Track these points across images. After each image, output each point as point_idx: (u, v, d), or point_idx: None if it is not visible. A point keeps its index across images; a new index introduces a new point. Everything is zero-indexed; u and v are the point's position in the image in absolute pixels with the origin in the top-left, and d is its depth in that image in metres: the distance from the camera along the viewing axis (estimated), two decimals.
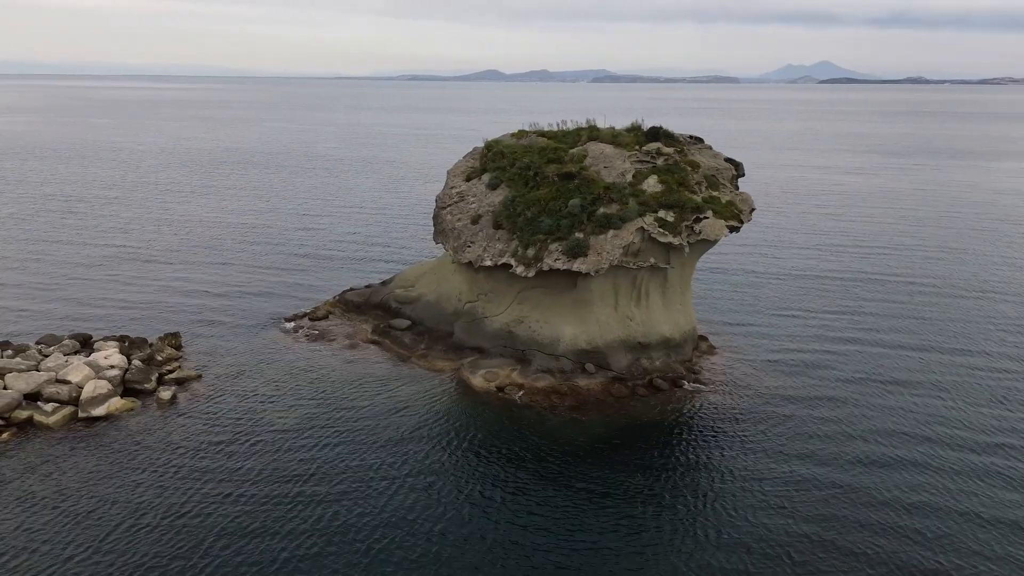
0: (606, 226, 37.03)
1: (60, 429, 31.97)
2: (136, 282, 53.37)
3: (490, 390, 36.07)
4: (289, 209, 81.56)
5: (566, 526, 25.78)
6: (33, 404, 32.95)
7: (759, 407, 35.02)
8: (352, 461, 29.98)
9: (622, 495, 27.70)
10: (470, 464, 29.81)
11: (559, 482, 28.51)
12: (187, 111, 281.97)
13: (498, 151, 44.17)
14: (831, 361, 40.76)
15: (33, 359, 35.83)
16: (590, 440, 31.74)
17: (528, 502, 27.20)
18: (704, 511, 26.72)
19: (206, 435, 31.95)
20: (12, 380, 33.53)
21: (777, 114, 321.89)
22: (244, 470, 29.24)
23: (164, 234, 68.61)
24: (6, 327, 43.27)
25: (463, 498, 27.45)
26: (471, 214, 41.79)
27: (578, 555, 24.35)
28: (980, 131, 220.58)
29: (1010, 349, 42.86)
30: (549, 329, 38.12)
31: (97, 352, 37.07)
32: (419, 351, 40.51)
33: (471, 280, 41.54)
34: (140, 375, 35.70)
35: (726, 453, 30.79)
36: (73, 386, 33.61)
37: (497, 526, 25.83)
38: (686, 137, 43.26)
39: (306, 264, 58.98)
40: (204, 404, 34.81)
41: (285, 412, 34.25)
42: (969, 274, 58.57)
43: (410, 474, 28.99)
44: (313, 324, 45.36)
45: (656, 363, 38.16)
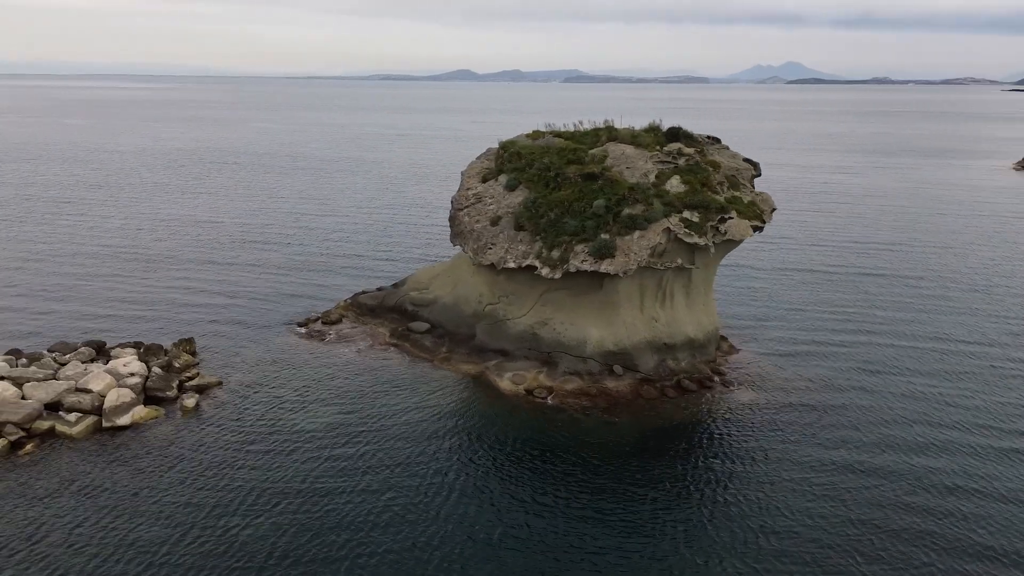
0: (632, 227, 36.94)
1: (84, 439, 31.09)
2: (140, 286, 52.20)
3: (519, 393, 35.79)
4: (285, 210, 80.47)
5: (613, 529, 25.60)
6: (54, 414, 32.01)
7: (788, 403, 35.21)
8: (387, 466, 29.50)
9: (666, 497, 27.58)
10: (509, 469, 29.48)
11: (600, 485, 28.30)
12: (164, 111, 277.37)
13: (514, 152, 43.92)
14: (847, 354, 41.47)
15: (50, 368, 34.81)
16: (626, 442, 31.61)
17: (571, 506, 26.95)
18: (752, 508, 26.70)
19: (236, 443, 31.25)
20: (31, 390, 32.54)
21: (755, 114, 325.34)
22: (279, 478, 28.63)
23: (162, 237, 67.24)
24: (14, 335, 42.04)
25: (504, 502, 27.12)
26: (490, 216, 41.47)
27: (627, 559, 24.19)
28: (952, 131, 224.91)
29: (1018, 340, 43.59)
30: (575, 331, 37.93)
31: (115, 360, 36.13)
32: (441, 354, 40.10)
33: (491, 282, 41.22)
34: (161, 383, 34.86)
35: (763, 450, 30.84)
36: (95, 395, 32.70)
37: (541, 531, 25.54)
38: (704, 137, 43.37)
39: (311, 267, 58.15)
40: (229, 411, 34.08)
41: (313, 418, 33.65)
42: (970, 268, 59.52)
43: (449, 479, 28.59)
44: (327, 328, 44.71)
45: (682, 364, 38.17)
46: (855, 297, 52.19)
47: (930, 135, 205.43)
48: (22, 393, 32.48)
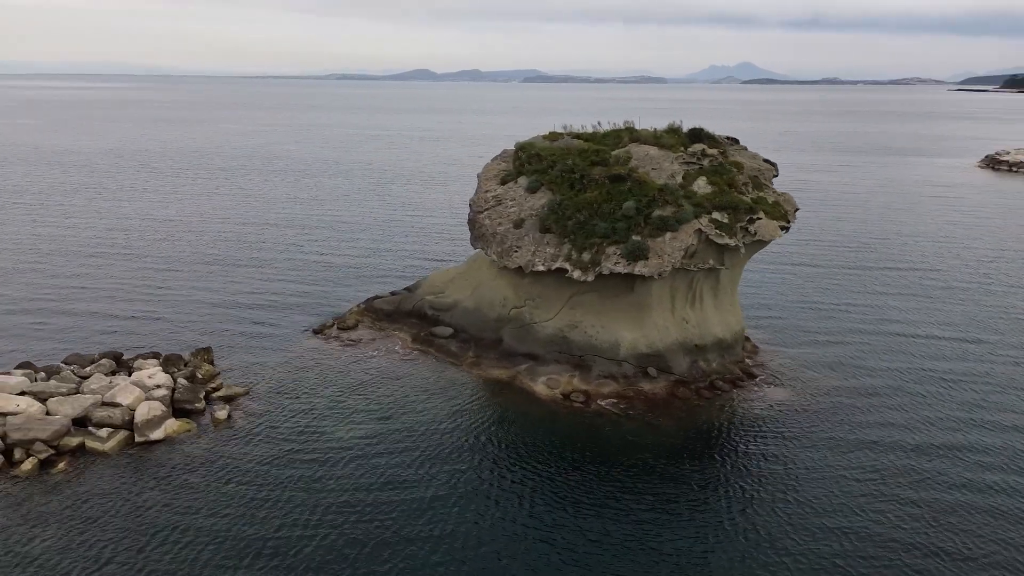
0: (663, 228, 36.88)
1: (117, 455, 29.90)
2: (142, 295, 50.48)
3: (556, 398, 35.48)
4: (279, 214, 78.78)
5: (682, 532, 25.47)
6: (82, 429, 30.72)
7: (820, 400, 35.58)
8: (434, 477, 28.90)
9: (724, 498, 27.54)
10: (564, 476, 29.11)
11: (657, 490, 28.15)
12: (123, 112, 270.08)
13: (533, 153, 43.60)
14: (864, 349, 42.24)
15: (71, 381, 33.41)
16: (672, 445, 31.52)
17: (632, 511, 26.73)
18: (813, 507, 26.80)
19: (276, 456, 30.34)
20: (56, 405, 31.16)
21: (720, 114, 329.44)
22: (325, 491, 27.84)
23: (156, 242, 65.22)
24: (21, 347, 40.32)
25: (566, 511, 26.75)
26: (512, 218, 41.08)
27: (703, 563, 24.09)
28: (912, 130, 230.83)
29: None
30: (606, 334, 37.76)
31: (138, 371, 34.87)
32: (468, 359, 39.57)
33: (516, 285, 40.84)
34: (189, 394, 33.73)
35: (809, 447, 31.06)
36: (125, 409, 31.46)
37: (607, 537, 25.28)
38: (723, 138, 43.59)
39: (315, 272, 56.95)
40: (262, 422, 33.10)
41: (350, 428, 32.87)
42: (962, 265, 60.97)
43: (502, 490, 28.06)
44: (344, 334, 43.84)
45: (712, 364, 38.28)
46: (854, 292, 53.15)
47: (892, 134, 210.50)
48: (46, 409, 31.10)
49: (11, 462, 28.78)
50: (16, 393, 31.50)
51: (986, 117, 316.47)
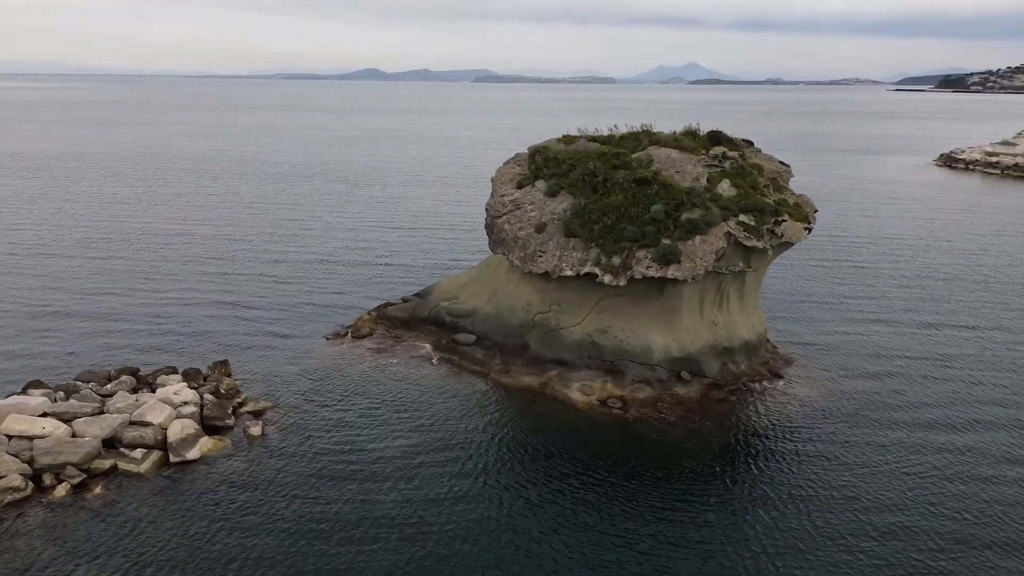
0: (692, 231, 36.89)
1: (152, 476, 28.52)
2: (141, 305, 48.48)
3: (593, 404, 35.15)
4: (265, 220, 76.75)
5: (752, 533, 25.42)
6: (113, 451, 29.24)
7: (853, 398, 36.04)
8: (482, 490, 28.16)
9: (778, 501, 27.54)
10: (613, 486, 28.65)
11: (708, 495, 28.03)
12: (61, 113, 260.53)
13: (550, 157, 43.24)
14: (868, 343, 43.16)
15: (93, 400, 31.77)
16: (717, 450, 31.41)
17: (688, 518, 26.58)
18: (872, 502, 27.04)
19: (317, 472, 29.30)
20: (84, 426, 29.55)
21: (676, 114, 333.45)
22: (375, 508, 26.93)
23: (144, 251, 62.85)
24: (25, 365, 38.30)
25: (620, 520, 26.47)
26: (533, 222, 40.63)
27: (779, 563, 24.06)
28: (864, 129, 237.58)
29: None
30: (637, 338, 37.60)
31: (161, 387, 33.39)
32: (496, 367, 38.97)
33: (541, 290, 40.39)
34: (217, 410, 32.41)
35: (854, 443, 31.47)
36: (156, 428, 30.04)
37: (667, 546, 25.08)
38: (739, 140, 43.87)
39: (316, 278, 55.53)
40: (297, 438, 31.97)
41: (388, 441, 31.96)
42: (951, 259, 62.78)
43: (556, 504, 27.52)
44: (359, 342, 42.81)
45: (741, 366, 38.47)
46: (852, 288, 54.29)
47: (846, 133, 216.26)
48: (72, 430, 29.50)
49: (41, 488, 27.20)
50: (38, 415, 29.79)
51: (930, 116, 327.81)
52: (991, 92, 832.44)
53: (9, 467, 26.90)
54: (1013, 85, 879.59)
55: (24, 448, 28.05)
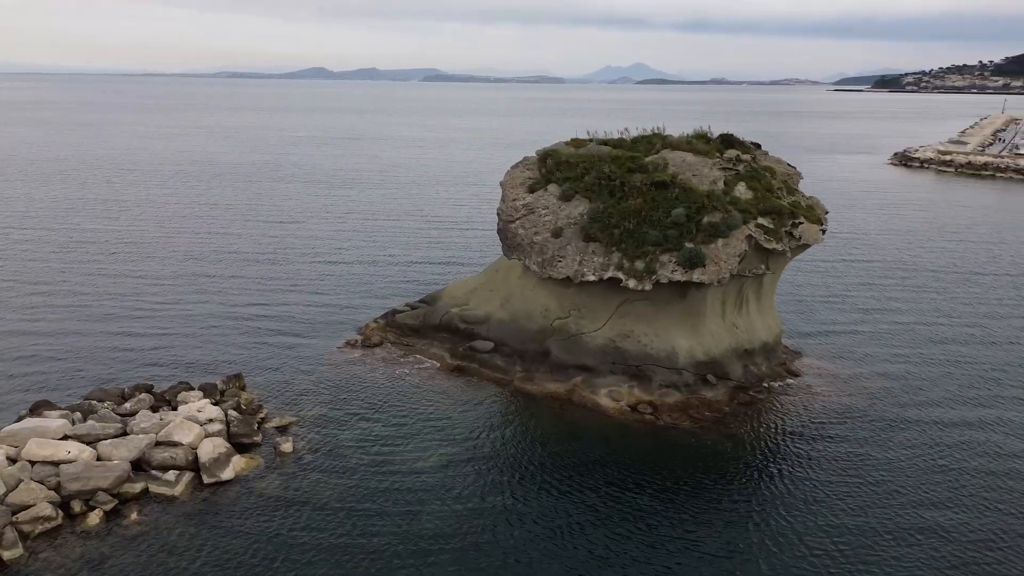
0: (714, 235, 37.02)
1: (187, 499, 27.26)
2: (139, 318, 46.50)
3: (623, 411, 34.95)
4: (244, 226, 74.54)
5: (787, 539, 25.54)
6: (143, 473, 27.86)
7: (869, 393, 36.64)
8: (527, 504, 27.70)
9: (827, 501, 27.79)
10: (660, 495, 28.52)
11: (753, 498, 28.13)
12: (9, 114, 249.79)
13: (561, 161, 42.95)
14: (891, 339, 44.33)
15: (113, 420, 30.24)
16: (756, 454, 31.55)
17: (739, 522, 26.63)
18: (923, 498, 27.46)
19: (356, 489, 28.42)
20: (109, 449, 28.07)
21: (635, 113, 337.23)
22: (426, 523, 26.44)
23: (126, 262, 60.35)
24: (27, 384, 36.32)
25: (674, 529, 26.37)
26: (549, 227, 40.28)
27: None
28: (815, 129, 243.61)
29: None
30: (660, 342, 37.56)
31: (183, 404, 31.99)
32: (518, 374, 38.48)
33: (559, 296, 40.05)
34: (244, 427, 31.21)
35: (890, 440, 31.94)
36: (186, 448, 28.74)
37: (725, 553, 25.07)
38: (749, 143, 44.23)
39: (314, 287, 54.15)
40: (328, 453, 30.96)
41: (421, 454, 31.19)
42: (931, 254, 64.60)
43: (598, 514, 27.24)
44: (370, 351, 41.84)
45: (762, 368, 38.79)
46: (850, 284, 55.45)
47: (799, 133, 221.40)
48: (97, 453, 28.00)
49: (71, 516, 25.74)
50: (59, 438, 28.21)
51: (875, 116, 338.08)
52: (925, 92, 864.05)
53: (37, 495, 25.39)
54: (944, 85, 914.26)
55: (50, 474, 26.52)
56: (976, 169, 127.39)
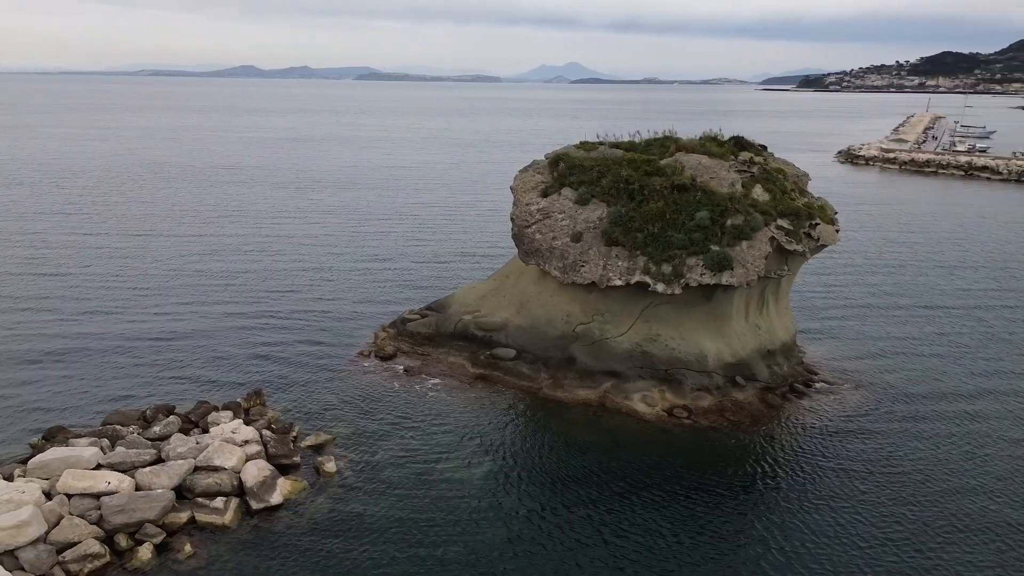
0: (738, 237, 37.27)
1: (238, 528, 25.82)
2: (137, 337, 44.00)
3: (660, 415, 34.83)
4: (223, 233, 71.68)
5: (861, 537, 25.87)
6: (186, 501, 26.27)
7: (890, 391, 37.56)
8: (585, 514, 27.30)
9: (888, 497, 28.27)
10: (716, 501, 28.50)
11: (815, 497, 28.41)
12: None
13: (574, 164, 42.61)
14: (903, 334, 45.55)
15: (143, 445, 28.44)
16: (808, 454, 31.68)
17: (816, 521, 26.82)
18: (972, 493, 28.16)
19: (408, 507, 27.48)
20: (149, 477, 26.35)
21: (575, 112, 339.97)
22: (478, 536, 25.78)
23: (103, 274, 57.21)
24: (31, 407, 33.93)
25: (736, 535, 26.41)
26: (567, 231, 39.91)
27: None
28: (755, 128, 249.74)
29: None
30: (688, 346, 37.61)
31: (215, 426, 30.37)
32: (545, 381, 37.94)
33: (582, 301, 39.70)
34: (282, 448, 29.82)
35: (925, 436, 32.63)
36: (230, 472, 27.25)
37: (797, 557, 25.24)
38: (758, 145, 44.72)
39: (310, 293, 52.39)
40: (371, 472, 29.81)
41: (466, 468, 30.38)
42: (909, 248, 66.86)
43: (659, 522, 27.09)
44: (387, 362, 40.69)
45: (783, 368, 39.27)
46: (848, 280, 56.91)
47: (741, 131, 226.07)
48: (135, 482, 26.28)
49: (117, 551, 24.05)
50: (92, 467, 26.37)
51: (809, 115, 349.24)
52: (847, 91, 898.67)
53: (82, 531, 23.65)
54: (865, 84, 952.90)
55: (90, 507, 24.73)
56: (919, 166, 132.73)
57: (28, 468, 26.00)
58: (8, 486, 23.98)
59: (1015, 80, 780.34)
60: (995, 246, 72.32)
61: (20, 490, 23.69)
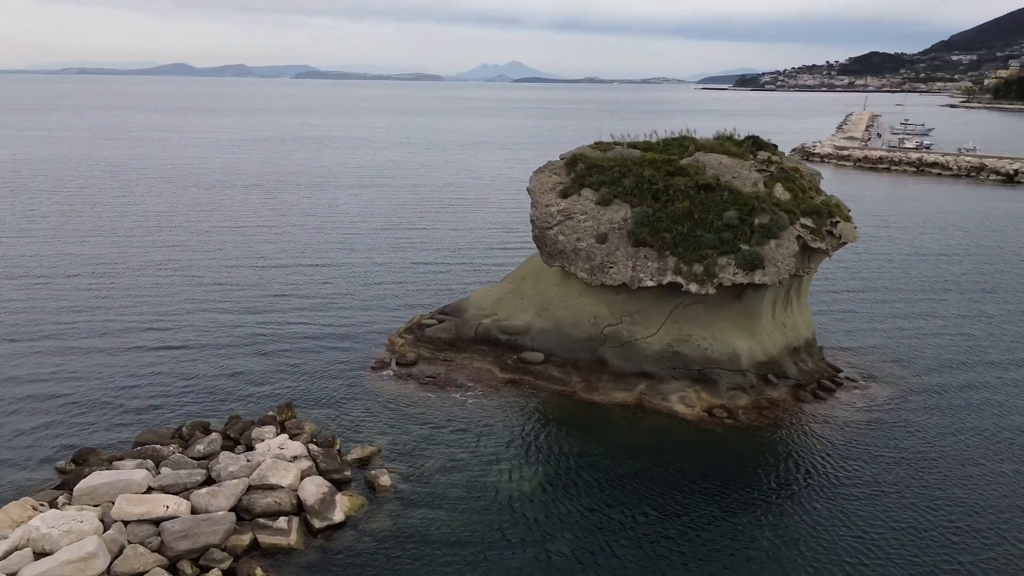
0: (767, 236, 37.54)
1: (305, 548, 24.67)
2: (146, 353, 41.92)
3: (701, 416, 34.81)
4: (209, 240, 69.00)
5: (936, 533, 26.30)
6: (246, 523, 24.96)
7: (915, 385, 38.40)
8: (649, 519, 26.96)
9: (947, 495, 28.80)
10: (776, 498, 28.68)
11: (874, 493, 28.80)
12: None
13: (593, 165, 42.32)
14: (913, 329, 46.59)
15: (189, 465, 26.96)
16: (859, 450, 31.89)
17: (890, 517, 27.14)
18: None
19: (474, 521, 26.63)
20: (205, 499, 24.90)
21: (523, 111, 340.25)
22: (553, 544, 25.22)
23: (115, 291, 54.33)
24: (49, 428, 31.86)
25: (817, 533, 26.56)
26: (590, 232, 39.61)
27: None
28: (710, 126, 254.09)
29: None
30: (720, 345, 37.70)
31: (260, 442, 29.01)
32: (578, 384, 37.55)
33: (610, 302, 39.42)
34: (331, 463, 28.67)
35: (962, 429, 33.44)
36: (288, 491, 26.05)
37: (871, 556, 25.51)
38: (770, 144, 45.18)
39: (315, 301, 50.80)
40: (423, 485, 28.76)
41: (516, 478, 29.63)
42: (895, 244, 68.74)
43: (719, 518, 27.15)
44: (408, 369, 39.70)
45: (809, 365, 39.75)
46: (844, 276, 58.24)
47: (692, 130, 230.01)
48: (191, 505, 24.86)
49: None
50: (143, 491, 24.85)
51: (752, 113, 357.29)
52: (781, 90, 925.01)
53: (146, 560, 22.21)
54: (798, 84, 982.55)
55: (149, 534, 23.26)
56: (872, 163, 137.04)
57: (75, 495, 24.34)
58: (63, 515, 22.35)
59: (938, 79, 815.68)
60: (975, 239, 74.95)
61: (78, 519, 22.12)
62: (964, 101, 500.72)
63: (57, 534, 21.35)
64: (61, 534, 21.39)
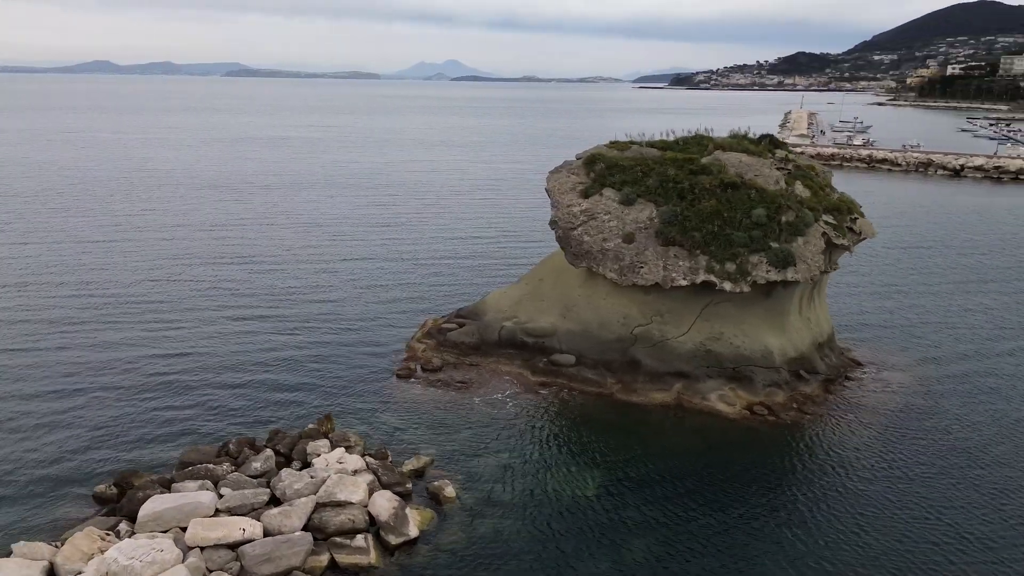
0: (795, 233, 37.95)
1: (386, 567, 23.66)
2: (156, 361, 39.75)
3: (743, 414, 34.92)
4: (201, 246, 65.97)
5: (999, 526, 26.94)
6: (321, 542, 23.77)
7: (932, 377, 39.45)
8: (721, 515, 26.95)
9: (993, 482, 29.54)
10: (839, 492, 29.01)
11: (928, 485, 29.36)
12: None
13: (613, 164, 42.12)
14: (912, 324, 47.50)
15: (249, 485, 25.54)
16: (909, 442, 32.50)
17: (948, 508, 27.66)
18: None
19: (546, 530, 26.06)
20: (278, 519, 23.61)
21: (461, 109, 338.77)
22: (624, 551, 24.95)
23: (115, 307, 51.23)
24: (78, 450, 29.80)
25: (874, 527, 26.92)
26: (616, 232, 39.40)
27: None
28: (659, 124, 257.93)
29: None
30: (752, 343, 37.92)
31: (315, 456, 27.73)
32: (614, 386, 37.25)
33: (640, 303, 39.22)
34: (392, 475, 27.59)
35: (991, 418, 34.43)
36: (358, 507, 24.95)
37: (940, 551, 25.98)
38: (782, 142, 45.73)
39: (319, 308, 49.13)
40: (483, 494, 27.90)
41: (574, 482, 29.26)
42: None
43: (787, 514, 27.38)
44: (435, 375, 38.74)
45: (832, 359, 40.39)
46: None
47: (643, 127, 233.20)
48: (262, 525, 23.55)
49: None
50: (211, 514, 23.41)
51: (692, 111, 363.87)
52: (715, 89, 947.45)
53: None
54: (731, 82, 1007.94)
55: (227, 560, 21.89)
56: (825, 159, 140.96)
57: (140, 521, 22.72)
58: (139, 544, 20.80)
59: (862, 78, 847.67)
60: (949, 231, 77.75)
61: (157, 548, 20.62)
62: (891, 99, 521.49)
63: (139, 565, 19.84)
64: (144, 565, 19.88)
